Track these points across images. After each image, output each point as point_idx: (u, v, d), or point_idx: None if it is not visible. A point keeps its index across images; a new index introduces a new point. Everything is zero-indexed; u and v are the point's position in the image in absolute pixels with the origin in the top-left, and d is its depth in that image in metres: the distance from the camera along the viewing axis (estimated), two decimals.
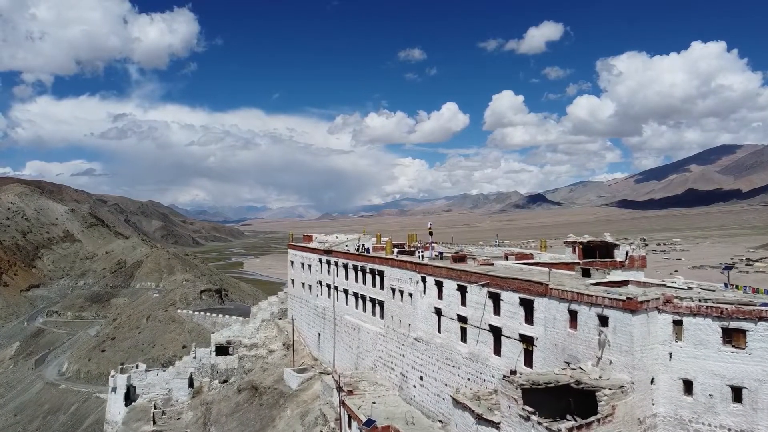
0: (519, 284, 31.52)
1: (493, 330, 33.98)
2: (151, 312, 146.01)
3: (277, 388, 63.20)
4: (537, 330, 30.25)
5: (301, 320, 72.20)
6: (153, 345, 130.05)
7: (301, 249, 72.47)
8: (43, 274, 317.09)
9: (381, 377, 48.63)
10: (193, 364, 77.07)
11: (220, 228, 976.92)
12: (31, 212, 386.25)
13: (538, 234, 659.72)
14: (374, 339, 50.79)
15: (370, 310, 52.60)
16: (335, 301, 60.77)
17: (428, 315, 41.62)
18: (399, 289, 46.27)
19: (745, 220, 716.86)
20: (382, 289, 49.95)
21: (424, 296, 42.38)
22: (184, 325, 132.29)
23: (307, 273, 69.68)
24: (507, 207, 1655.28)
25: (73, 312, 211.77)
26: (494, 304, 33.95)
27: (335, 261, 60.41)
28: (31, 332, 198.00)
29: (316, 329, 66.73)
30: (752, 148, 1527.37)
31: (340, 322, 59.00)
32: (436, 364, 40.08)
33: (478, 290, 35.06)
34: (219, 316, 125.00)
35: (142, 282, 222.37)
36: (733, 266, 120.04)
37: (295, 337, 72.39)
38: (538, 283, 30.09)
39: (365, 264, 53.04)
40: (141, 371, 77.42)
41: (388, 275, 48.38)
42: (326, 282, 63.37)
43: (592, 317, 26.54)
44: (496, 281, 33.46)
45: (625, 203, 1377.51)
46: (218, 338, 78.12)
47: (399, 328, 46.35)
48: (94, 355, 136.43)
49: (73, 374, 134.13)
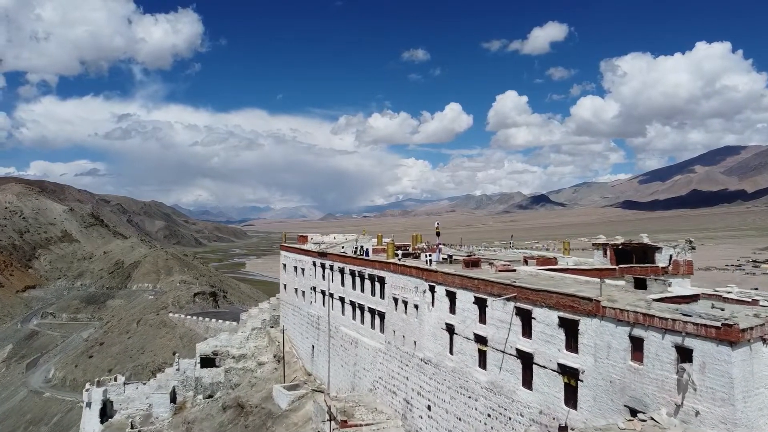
0: (558, 299, 24.43)
1: (522, 356, 26.89)
2: (142, 316, 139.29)
3: (265, 407, 56.22)
4: (584, 360, 23.18)
5: (293, 330, 65.21)
6: (142, 351, 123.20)
7: (293, 251, 65.48)
8: (39, 274, 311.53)
9: (381, 402, 41.57)
10: (176, 376, 70.13)
11: (223, 228, 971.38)
12: (29, 212, 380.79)
13: (541, 235, 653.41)
14: (373, 356, 43.77)
15: (368, 322, 45.58)
16: (330, 310, 53.75)
17: (437, 332, 34.57)
18: (402, 299, 39.23)
19: (750, 221, 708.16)
20: (382, 299, 42.92)
21: (432, 309, 35.35)
22: (176, 329, 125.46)
23: (300, 277, 62.70)
24: (510, 208, 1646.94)
25: (68, 314, 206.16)
26: (523, 324, 26.88)
27: (330, 265, 53.38)
28: (24, 335, 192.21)
29: (309, 341, 59.72)
30: (757, 149, 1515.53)
31: (336, 334, 51.97)
32: (448, 392, 33.00)
33: (502, 305, 27.99)
34: (212, 320, 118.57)
35: (139, 283, 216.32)
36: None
37: (288, 348, 65.41)
38: (586, 298, 23.00)
39: (363, 269, 46.04)
40: (119, 384, 70.60)
41: (390, 282, 41.36)
42: (320, 288, 56.36)
43: (666, 348, 19.50)
44: (525, 294, 26.37)
45: (629, 204, 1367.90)
46: (204, 348, 71.06)
47: (402, 345, 39.31)
48: (81, 362, 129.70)
49: (58, 381, 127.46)
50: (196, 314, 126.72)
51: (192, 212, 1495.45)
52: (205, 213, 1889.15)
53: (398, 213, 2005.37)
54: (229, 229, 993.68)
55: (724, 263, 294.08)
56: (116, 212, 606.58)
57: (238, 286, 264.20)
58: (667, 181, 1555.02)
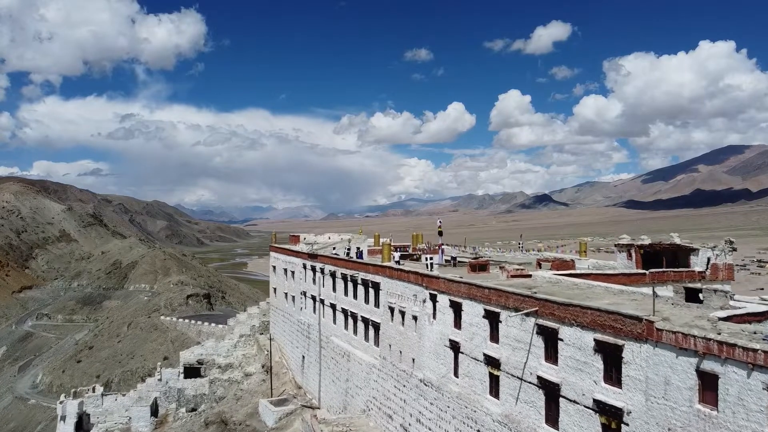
0: (594, 317, 19.15)
1: (545, 386, 21.61)
2: (133, 318, 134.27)
3: (250, 424, 51.03)
4: (630, 398, 17.92)
5: (283, 338, 60.03)
6: (132, 356, 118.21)
7: (283, 252, 60.33)
8: (36, 275, 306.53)
9: (376, 426, 36.31)
10: (158, 387, 65.03)
11: (225, 228, 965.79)
12: (27, 211, 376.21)
13: (544, 234, 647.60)
14: (367, 372, 38.52)
15: (362, 333, 40.35)
16: (321, 318, 48.55)
17: (440, 349, 29.31)
18: (399, 308, 33.96)
19: (754, 220, 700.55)
20: (377, 307, 37.69)
21: (433, 321, 30.10)
22: (167, 333, 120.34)
23: (290, 281, 57.50)
24: (513, 207, 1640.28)
25: (64, 315, 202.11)
26: (547, 345, 21.61)
27: (321, 267, 48.16)
28: (19, 336, 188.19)
29: (299, 350, 54.51)
30: (760, 149, 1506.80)
31: (327, 344, 46.76)
32: (452, 422, 27.73)
33: (519, 321, 22.72)
34: (204, 324, 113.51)
35: (136, 284, 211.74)
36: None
37: (277, 358, 60.22)
38: (633, 317, 17.70)
39: (356, 273, 40.80)
40: (96, 396, 65.46)
41: (386, 289, 36.10)
42: (311, 293, 51.16)
43: (755, 391, 14.27)
44: (550, 309, 21.09)
45: (632, 204, 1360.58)
46: (188, 357, 65.96)
47: (399, 362, 34.06)
48: (69, 367, 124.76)
49: (45, 387, 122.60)
50: (188, 317, 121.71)
51: (195, 212, 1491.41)
52: (208, 213, 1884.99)
53: (401, 213, 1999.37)
54: (232, 229, 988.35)
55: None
56: (118, 212, 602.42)
57: (238, 287, 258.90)
58: (671, 180, 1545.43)
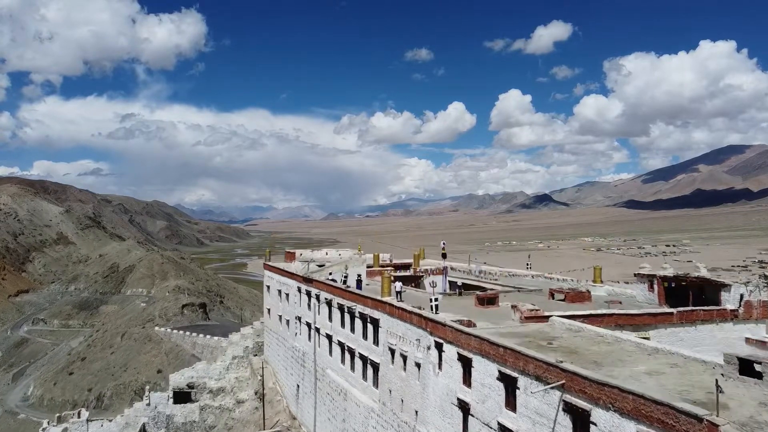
0: (637, 404, 15.78)
1: None
2: (127, 329, 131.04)
3: None
4: None
5: (277, 363, 56.80)
6: (125, 368, 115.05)
7: (277, 272, 57.02)
8: (33, 278, 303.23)
9: None
10: (147, 412, 61.71)
11: (225, 228, 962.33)
12: (24, 213, 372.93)
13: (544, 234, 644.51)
14: (365, 416, 35.28)
15: (359, 371, 37.08)
16: (316, 348, 45.30)
17: (446, 405, 26.05)
18: (401, 351, 30.69)
19: (755, 221, 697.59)
20: (376, 345, 34.42)
21: (439, 372, 26.84)
22: (162, 345, 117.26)
23: (284, 303, 54.26)
24: (513, 207, 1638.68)
25: (60, 320, 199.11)
26: (575, 427, 18.31)
27: (317, 294, 44.91)
28: (14, 342, 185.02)
29: (294, 378, 51.28)
30: (761, 148, 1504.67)
31: (323, 377, 43.52)
32: None
33: (542, 394, 19.46)
34: (199, 336, 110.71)
35: (133, 288, 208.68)
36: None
37: (271, 384, 57.03)
38: (689, 415, 14.31)
39: (353, 305, 37.55)
40: (81, 421, 62.12)
41: (385, 327, 32.84)
42: (306, 319, 47.91)
43: None
44: (580, 385, 17.80)
45: (632, 203, 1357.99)
46: (178, 380, 62.66)
47: (400, 411, 30.81)
48: (61, 379, 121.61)
49: (36, 400, 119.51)
50: (183, 328, 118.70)
51: (195, 212, 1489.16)
52: (208, 213, 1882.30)
53: (401, 213, 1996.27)
54: (232, 229, 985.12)
55: (730, 264, 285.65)
56: (118, 212, 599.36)
57: (236, 290, 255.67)
58: (671, 180, 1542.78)
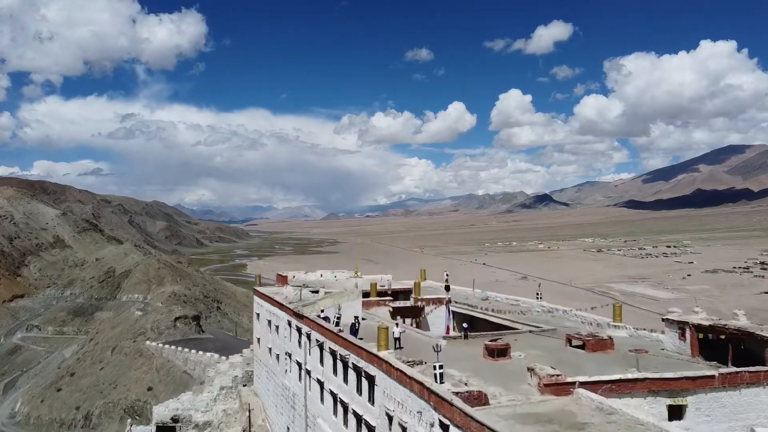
0: None
1: None
2: (118, 342, 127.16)
3: None
4: None
5: (267, 398, 53.02)
6: (115, 385, 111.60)
7: (267, 300, 53.04)
8: (28, 283, 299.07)
9: None
10: None
11: (225, 228, 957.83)
12: (20, 216, 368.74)
13: (545, 235, 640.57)
14: None
15: (353, 427, 33.07)
16: (307, 391, 41.43)
17: None
18: (399, 421, 26.77)
19: (755, 221, 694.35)
20: (371, 404, 30.50)
21: None
22: (153, 360, 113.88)
23: (274, 335, 50.49)
24: (513, 207, 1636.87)
25: (54, 327, 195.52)
26: None
27: (308, 332, 40.89)
28: (7, 349, 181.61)
29: (284, 418, 47.44)
30: (761, 148, 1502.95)
31: (314, 425, 39.67)
32: None
33: None
34: (192, 351, 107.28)
35: (129, 294, 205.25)
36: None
37: (260, 421, 53.14)
38: None
39: (347, 353, 33.50)
40: None
41: (382, 387, 28.90)
42: (296, 358, 44.03)
43: None
44: None
45: (632, 203, 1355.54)
46: (162, 413, 59.10)
47: None
48: (49, 395, 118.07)
49: (23, 418, 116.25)
50: (175, 342, 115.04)
51: (195, 212, 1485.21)
52: (208, 213, 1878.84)
53: (401, 212, 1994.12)
54: (232, 230, 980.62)
55: (731, 265, 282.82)
56: (117, 213, 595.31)
57: (235, 294, 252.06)
58: (671, 180, 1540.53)
